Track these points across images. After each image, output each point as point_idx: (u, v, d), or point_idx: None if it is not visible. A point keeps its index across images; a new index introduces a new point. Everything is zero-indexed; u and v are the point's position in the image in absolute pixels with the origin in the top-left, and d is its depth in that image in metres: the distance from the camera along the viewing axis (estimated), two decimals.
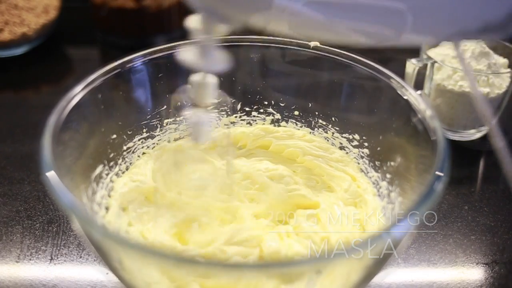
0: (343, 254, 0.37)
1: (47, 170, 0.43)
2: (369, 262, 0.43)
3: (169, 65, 0.60)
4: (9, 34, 0.95)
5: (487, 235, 0.66)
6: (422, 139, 0.50)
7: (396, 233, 0.40)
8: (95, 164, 0.56)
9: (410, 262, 0.62)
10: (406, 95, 0.54)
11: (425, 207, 0.42)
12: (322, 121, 0.65)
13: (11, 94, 0.94)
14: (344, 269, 0.43)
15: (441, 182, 0.43)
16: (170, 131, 0.65)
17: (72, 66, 1.02)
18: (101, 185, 0.56)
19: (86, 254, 0.61)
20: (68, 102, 0.51)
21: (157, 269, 0.44)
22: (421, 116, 0.51)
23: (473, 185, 0.75)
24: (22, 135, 0.82)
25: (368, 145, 0.61)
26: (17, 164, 0.76)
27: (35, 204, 0.69)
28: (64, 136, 0.49)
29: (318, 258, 0.40)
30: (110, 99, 0.58)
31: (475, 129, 0.79)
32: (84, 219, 0.41)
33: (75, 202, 0.42)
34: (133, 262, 0.44)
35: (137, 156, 0.62)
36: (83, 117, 0.53)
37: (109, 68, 0.56)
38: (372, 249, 0.38)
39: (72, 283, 0.58)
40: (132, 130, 0.62)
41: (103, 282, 0.58)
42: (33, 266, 0.60)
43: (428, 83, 0.79)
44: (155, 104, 0.63)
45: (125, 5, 0.99)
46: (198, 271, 0.42)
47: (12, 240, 0.63)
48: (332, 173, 0.62)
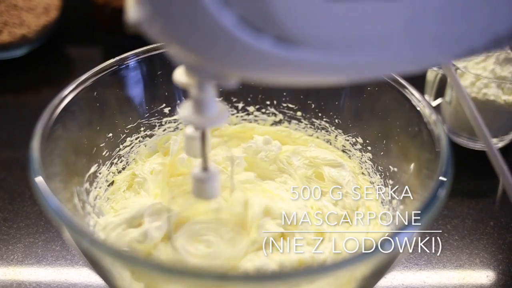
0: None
1: (35, 175, 0.43)
2: (366, 271, 0.42)
3: (165, 63, 0.59)
4: (8, 35, 0.93)
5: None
6: (427, 144, 0.49)
7: (397, 241, 0.39)
8: (89, 164, 0.56)
9: (434, 285, 0.60)
10: (411, 98, 0.53)
11: (428, 214, 0.41)
12: (325, 123, 0.64)
13: (11, 98, 0.93)
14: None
15: (445, 188, 0.42)
16: (169, 130, 0.64)
17: (74, 68, 1.01)
18: (95, 185, 0.56)
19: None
20: (59, 101, 0.51)
21: (148, 278, 0.43)
22: (426, 120, 0.50)
23: (498, 198, 0.72)
24: (23, 142, 0.80)
25: (371, 149, 0.60)
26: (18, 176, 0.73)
27: (37, 221, 0.66)
28: (55, 136, 0.49)
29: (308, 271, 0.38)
30: (105, 98, 0.57)
31: (497, 138, 0.76)
32: (74, 229, 0.40)
33: (63, 210, 0.41)
34: (123, 271, 0.43)
35: (133, 159, 0.62)
36: (75, 116, 0.53)
37: (103, 67, 0.55)
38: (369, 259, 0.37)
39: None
40: (129, 129, 0.61)
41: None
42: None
43: (449, 91, 0.76)
44: (152, 103, 0.62)
45: None
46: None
47: (13, 260, 0.61)
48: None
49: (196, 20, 0.29)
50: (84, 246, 0.40)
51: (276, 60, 0.30)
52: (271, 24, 0.29)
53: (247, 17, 0.29)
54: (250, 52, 0.29)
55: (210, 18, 0.28)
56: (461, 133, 0.76)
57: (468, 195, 0.70)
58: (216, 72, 0.34)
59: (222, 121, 0.39)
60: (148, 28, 0.31)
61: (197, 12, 0.28)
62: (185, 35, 0.30)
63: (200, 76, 0.36)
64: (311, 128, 0.65)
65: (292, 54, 0.30)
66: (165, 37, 0.31)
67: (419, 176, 0.50)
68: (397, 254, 0.42)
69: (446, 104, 0.76)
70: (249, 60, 0.30)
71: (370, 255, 0.38)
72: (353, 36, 0.30)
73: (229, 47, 0.30)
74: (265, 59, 0.30)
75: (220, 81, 0.36)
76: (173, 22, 0.29)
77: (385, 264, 0.43)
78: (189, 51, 0.31)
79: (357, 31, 0.30)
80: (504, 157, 0.76)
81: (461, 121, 0.75)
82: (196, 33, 0.29)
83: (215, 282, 0.37)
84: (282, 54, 0.30)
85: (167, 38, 0.31)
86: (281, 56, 0.30)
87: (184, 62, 0.35)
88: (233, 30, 0.29)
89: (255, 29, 0.29)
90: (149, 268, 0.38)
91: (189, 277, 0.37)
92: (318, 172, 0.60)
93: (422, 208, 0.41)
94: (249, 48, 0.29)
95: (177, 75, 0.39)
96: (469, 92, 0.73)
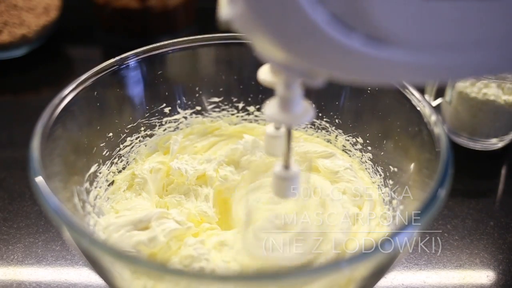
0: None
1: (36, 175, 0.43)
2: (366, 271, 0.42)
3: (165, 63, 0.59)
4: (8, 35, 0.93)
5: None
6: (427, 144, 0.49)
7: (397, 241, 0.39)
8: (89, 163, 0.56)
9: (434, 285, 0.60)
10: (411, 98, 0.52)
11: (428, 214, 0.40)
12: (325, 123, 0.64)
13: (11, 98, 0.93)
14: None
15: (445, 188, 0.42)
16: (169, 130, 0.64)
17: (74, 68, 1.01)
18: (95, 184, 0.56)
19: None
20: (60, 101, 0.51)
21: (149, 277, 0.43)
22: (426, 121, 0.50)
23: (498, 198, 0.72)
24: (23, 142, 0.80)
25: (371, 149, 0.60)
26: (18, 176, 0.73)
27: (37, 221, 0.66)
28: (55, 135, 0.49)
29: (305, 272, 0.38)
30: (106, 98, 0.57)
31: (497, 138, 0.76)
32: (74, 229, 0.40)
33: (63, 210, 0.41)
34: (123, 271, 0.43)
35: (133, 158, 0.62)
36: (76, 116, 0.53)
37: (103, 66, 0.55)
38: (369, 259, 0.36)
39: None
40: (129, 129, 0.61)
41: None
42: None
43: (449, 90, 0.76)
44: (152, 103, 0.62)
45: (128, 5, 0.98)
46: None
47: (13, 260, 0.61)
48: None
49: (289, 16, 0.29)
50: (84, 246, 0.40)
51: (366, 59, 0.30)
52: (364, 22, 0.29)
53: (340, 15, 0.29)
54: (340, 50, 0.30)
55: (303, 15, 0.28)
56: (461, 133, 0.76)
57: (468, 195, 0.70)
58: (304, 70, 0.34)
59: (307, 119, 0.39)
60: (241, 25, 0.31)
61: (290, 8, 0.29)
62: (278, 31, 0.30)
63: (288, 73, 0.36)
64: (311, 128, 0.65)
65: (382, 53, 0.30)
66: (257, 33, 0.31)
67: (419, 176, 0.50)
68: (397, 254, 0.42)
69: (446, 104, 0.76)
70: (338, 58, 0.30)
71: (370, 255, 0.38)
72: (447, 37, 0.30)
73: (319, 45, 0.30)
74: (354, 58, 0.30)
75: (307, 79, 0.36)
76: (266, 18, 0.30)
77: (385, 264, 0.43)
78: (280, 47, 0.31)
79: (452, 32, 0.30)
80: (504, 157, 0.77)
81: (461, 121, 0.75)
82: (288, 29, 0.30)
83: (215, 282, 0.37)
84: (372, 53, 0.30)
85: (259, 34, 0.31)
86: (371, 55, 0.30)
87: (272, 59, 0.35)
88: (325, 27, 0.29)
89: (347, 27, 0.29)
90: (149, 268, 0.38)
91: (188, 277, 0.37)
92: (313, 165, 0.60)
93: (422, 208, 0.41)
94: (339, 46, 0.30)
95: (262, 74, 0.38)
96: (469, 92, 0.73)
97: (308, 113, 0.39)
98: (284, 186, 0.43)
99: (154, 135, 0.63)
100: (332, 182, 0.58)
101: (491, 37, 0.30)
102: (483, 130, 0.75)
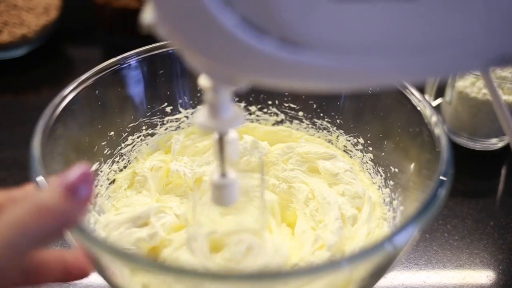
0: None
1: (37, 174, 0.43)
2: (366, 271, 0.42)
3: (166, 62, 0.59)
4: (8, 35, 0.93)
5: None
6: (427, 144, 0.49)
7: (397, 242, 0.39)
8: (90, 162, 0.56)
9: (434, 285, 0.60)
10: (412, 99, 0.52)
11: (428, 214, 0.40)
12: (326, 123, 0.64)
13: (11, 98, 0.93)
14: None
15: (445, 188, 0.42)
16: (171, 129, 0.64)
17: (74, 68, 1.01)
18: (96, 183, 0.56)
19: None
20: (61, 100, 0.51)
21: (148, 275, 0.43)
22: (427, 121, 0.50)
23: (498, 198, 0.72)
24: (24, 142, 0.80)
25: (372, 150, 0.60)
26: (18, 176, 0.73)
27: None
28: (56, 134, 0.49)
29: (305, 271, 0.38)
30: (107, 97, 0.57)
31: (497, 138, 0.76)
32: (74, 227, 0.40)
33: None
34: (123, 269, 0.43)
35: (134, 157, 0.62)
36: (77, 115, 0.53)
37: (104, 66, 0.55)
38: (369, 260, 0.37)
39: None
40: (130, 128, 0.61)
41: None
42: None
43: (449, 90, 0.76)
44: (154, 102, 0.62)
45: (128, 5, 0.98)
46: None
47: None
48: None
49: (196, 19, 0.28)
50: (85, 244, 0.40)
51: (282, 63, 0.29)
52: (276, 25, 0.28)
53: (250, 17, 0.28)
54: (254, 54, 0.29)
55: (211, 19, 0.28)
56: (461, 133, 0.76)
57: (468, 195, 0.70)
58: (224, 75, 0.33)
59: (238, 124, 0.38)
60: (159, 30, 0.31)
61: (197, 12, 0.28)
62: (190, 36, 0.29)
63: (211, 78, 0.35)
64: (312, 128, 0.65)
65: (299, 57, 0.29)
66: (173, 38, 0.30)
67: (419, 176, 0.50)
68: (396, 254, 0.42)
69: (446, 104, 0.76)
70: (254, 63, 0.29)
71: (369, 255, 0.38)
72: (363, 40, 0.29)
73: (231, 49, 0.29)
74: (270, 62, 0.29)
75: (230, 84, 0.35)
76: (178, 24, 0.29)
77: (384, 264, 0.43)
78: (196, 52, 0.30)
79: (367, 35, 0.29)
80: (504, 157, 0.77)
81: (461, 121, 0.75)
82: (200, 35, 0.29)
83: (215, 282, 0.37)
84: (288, 57, 0.29)
85: (175, 39, 0.30)
86: (287, 59, 0.29)
87: (193, 64, 0.34)
88: (234, 30, 0.28)
89: (259, 30, 0.28)
90: (148, 266, 0.38)
91: (188, 276, 0.37)
92: (313, 167, 0.60)
93: (422, 208, 0.41)
94: (252, 50, 0.29)
95: (200, 78, 0.38)
96: (469, 92, 0.73)
97: (238, 118, 0.38)
98: (222, 194, 0.43)
99: (155, 134, 0.63)
100: (332, 184, 0.58)
101: (406, 41, 0.29)
102: (483, 130, 0.75)
